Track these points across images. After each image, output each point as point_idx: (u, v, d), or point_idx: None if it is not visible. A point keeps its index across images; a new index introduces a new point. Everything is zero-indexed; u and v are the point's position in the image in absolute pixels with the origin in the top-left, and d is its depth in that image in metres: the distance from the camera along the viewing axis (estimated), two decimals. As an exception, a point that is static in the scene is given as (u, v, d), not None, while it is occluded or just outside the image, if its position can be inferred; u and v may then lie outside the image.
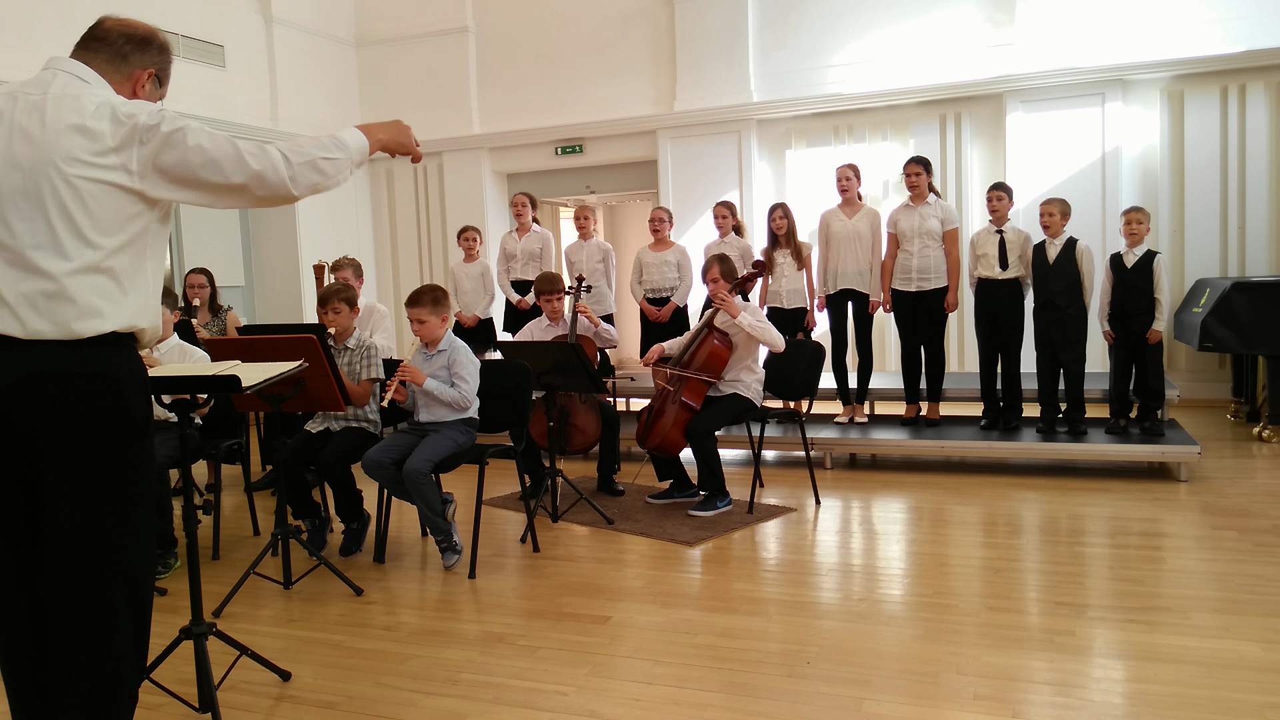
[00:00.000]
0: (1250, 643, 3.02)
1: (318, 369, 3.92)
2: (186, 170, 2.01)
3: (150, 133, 1.99)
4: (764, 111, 8.70)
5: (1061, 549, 4.16)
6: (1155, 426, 5.58)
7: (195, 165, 2.01)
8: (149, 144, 1.99)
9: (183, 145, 2.00)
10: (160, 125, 2.00)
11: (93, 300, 1.97)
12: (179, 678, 2.87)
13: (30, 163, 1.95)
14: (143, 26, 2.19)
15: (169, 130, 2.00)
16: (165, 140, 2.00)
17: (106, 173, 1.97)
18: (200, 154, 2.01)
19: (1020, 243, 5.83)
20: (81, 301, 1.96)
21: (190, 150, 2.01)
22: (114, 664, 2.05)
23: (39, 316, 1.94)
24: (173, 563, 4.20)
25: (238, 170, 2.04)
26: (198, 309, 6.24)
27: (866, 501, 5.15)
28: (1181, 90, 7.60)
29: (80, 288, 1.96)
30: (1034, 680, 2.83)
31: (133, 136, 1.98)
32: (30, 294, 1.94)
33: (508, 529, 4.83)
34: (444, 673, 3.05)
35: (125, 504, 2.05)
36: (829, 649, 3.12)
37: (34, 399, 1.95)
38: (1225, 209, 7.55)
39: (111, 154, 1.97)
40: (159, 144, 2.00)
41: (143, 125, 1.99)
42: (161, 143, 2.00)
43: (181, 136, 2.01)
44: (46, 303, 1.94)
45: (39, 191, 1.94)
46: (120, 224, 2.00)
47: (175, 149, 2.00)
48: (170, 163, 2.00)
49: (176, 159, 2.00)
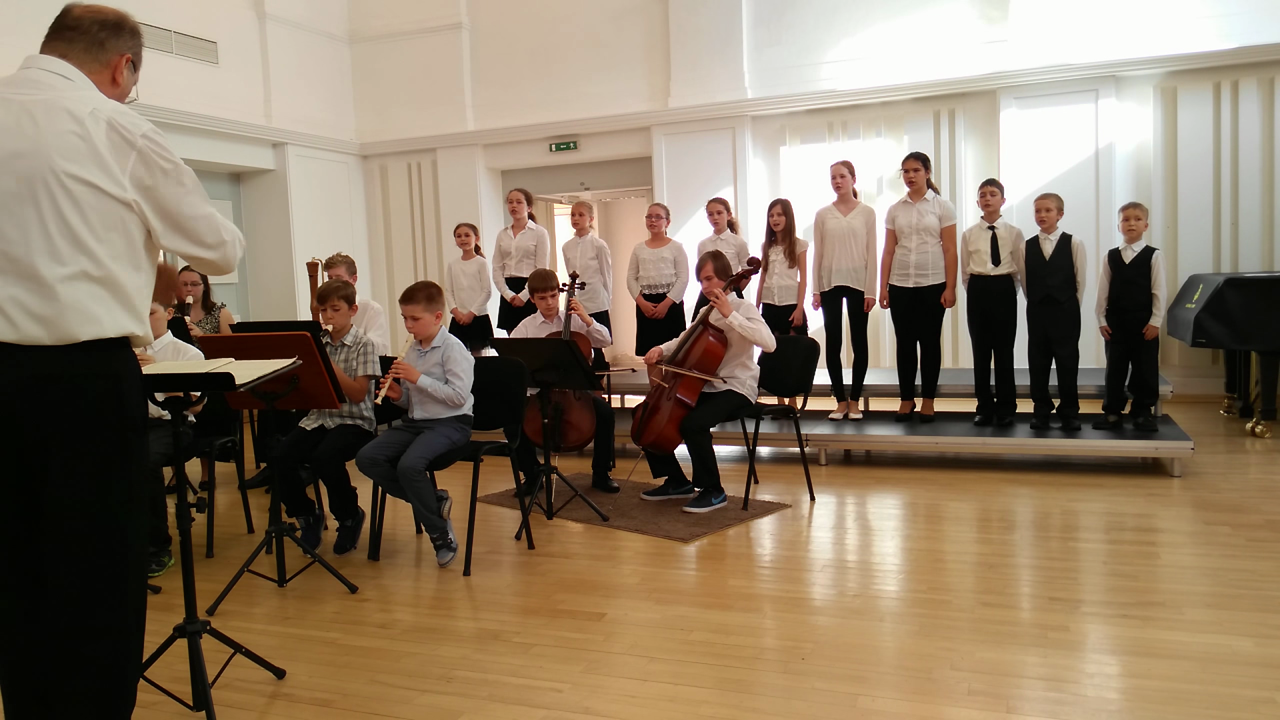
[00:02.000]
0: (1243, 637, 3.04)
1: (312, 366, 3.91)
2: (168, 214, 2.08)
3: (148, 163, 2.03)
4: (758, 108, 8.70)
5: (1055, 544, 4.17)
6: (1149, 422, 5.60)
7: (175, 215, 2.09)
8: (145, 172, 2.03)
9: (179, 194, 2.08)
10: (163, 156, 2.06)
11: (88, 306, 1.96)
12: (173, 676, 2.86)
13: (24, 167, 1.93)
14: (112, 11, 2.19)
15: (168, 169, 2.06)
16: (162, 180, 2.05)
17: (101, 180, 1.97)
18: (189, 206, 2.10)
19: (1012, 239, 5.84)
20: (76, 308, 1.95)
21: (180, 200, 2.08)
22: (121, 666, 2.05)
23: (34, 323, 1.93)
24: (167, 560, 4.19)
25: (211, 233, 2.15)
26: (190, 307, 6.22)
27: (861, 497, 5.16)
28: (1175, 86, 7.61)
29: (75, 294, 1.95)
30: (1028, 675, 2.84)
31: (128, 154, 2.00)
32: (23, 299, 1.93)
33: (503, 526, 4.83)
34: (439, 670, 3.05)
35: (123, 502, 2.04)
36: (824, 645, 3.12)
37: (35, 401, 1.94)
38: (1218, 205, 7.57)
39: (106, 163, 1.97)
40: (155, 181, 2.04)
41: (142, 149, 2.02)
42: (159, 179, 2.05)
43: (177, 186, 2.08)
44: (41, 308, 1.93)
45: (34, 196, 1.93)
46: (114, 232, 2.00)
47: (169, 192, 2.07)
48: (160, 199, 2.06)
49: (166, 199, 2.07)
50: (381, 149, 10.15)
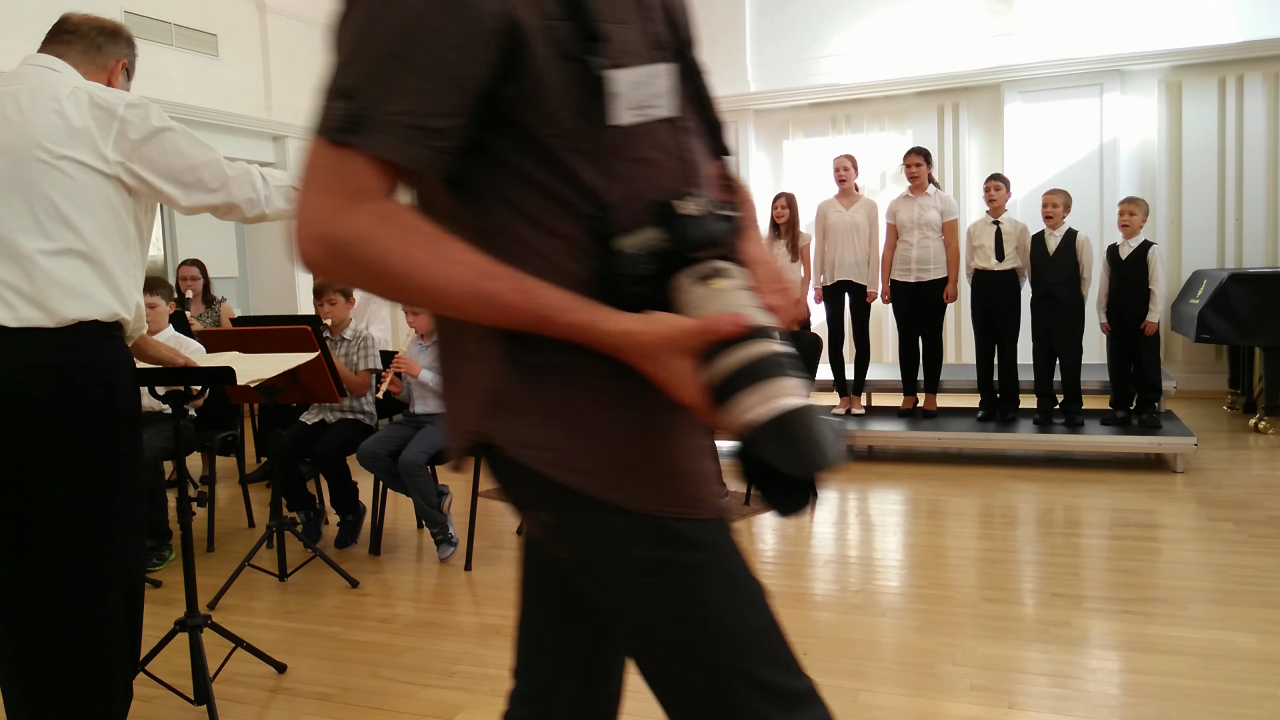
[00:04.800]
0: (1246, 633, 3.03)
1: (313, 361, 3.90)
2: (167, 169, 2.06)
3: (132, 126, 2.02)
4: (761, 101, 8.67)
5: (1058, 540, 4.16)
6: (1152, 418, 5.58)
7: (177, 168, 2.06)
8: (131, 135, 2.02)
9: (168, 144, 2.05)
10: (148, 119, 2.04)
11: (74, 282, 1.96)
12: (174, 670, 2.86)
13: (9, 148, 1.95)
14: (109, 20, 2.24)
15: (157, 126, 2.04)
16: (150, 135, 2.03)
17: (85, 155, 1.98)
18: (181, 158, 2.07)
19: (1017, 234, 5.82)
20: (63, 282, 1.95)
21: (172, 153, 2.06)
22: (106, 656, 2.04)
23: (24, 301, 1.93)
24: (168, 555, 4.19)
25: (215, 177, 2.11)
26: (191, 301, 6.21)
27: (863, 493, 5.15)
28: (1179, 81, 7.58)
29: (62, 269, 1.95)
30: (1030, 671, 2.83)
31: (110, 125, 2.00)
32: (12, 278, 1.93)
33: (503, 520, 4.82)
34: (440, 664, 3.05)
35: (116, 495, 2.04)
36: (825, 640, 3.12)
37: (25, 390, 1.93)
38: (1223, 200, 7.54)
39: (90, 138, 1.98)
40: (143, 137, 2.03)
41: (124, 116, 2.01)
42: (146, 136, 2.03)
43: (167, 136, 2.05)
44: (30, 285, 1.93)
45: (18, 176, 1.95)
46: (101, 209, 2.01)
47: (158, 146, 2.04)
48: (152, 157, 2.04)
49: (158, 155, 2.04)
50: (383, 143, 10.12)
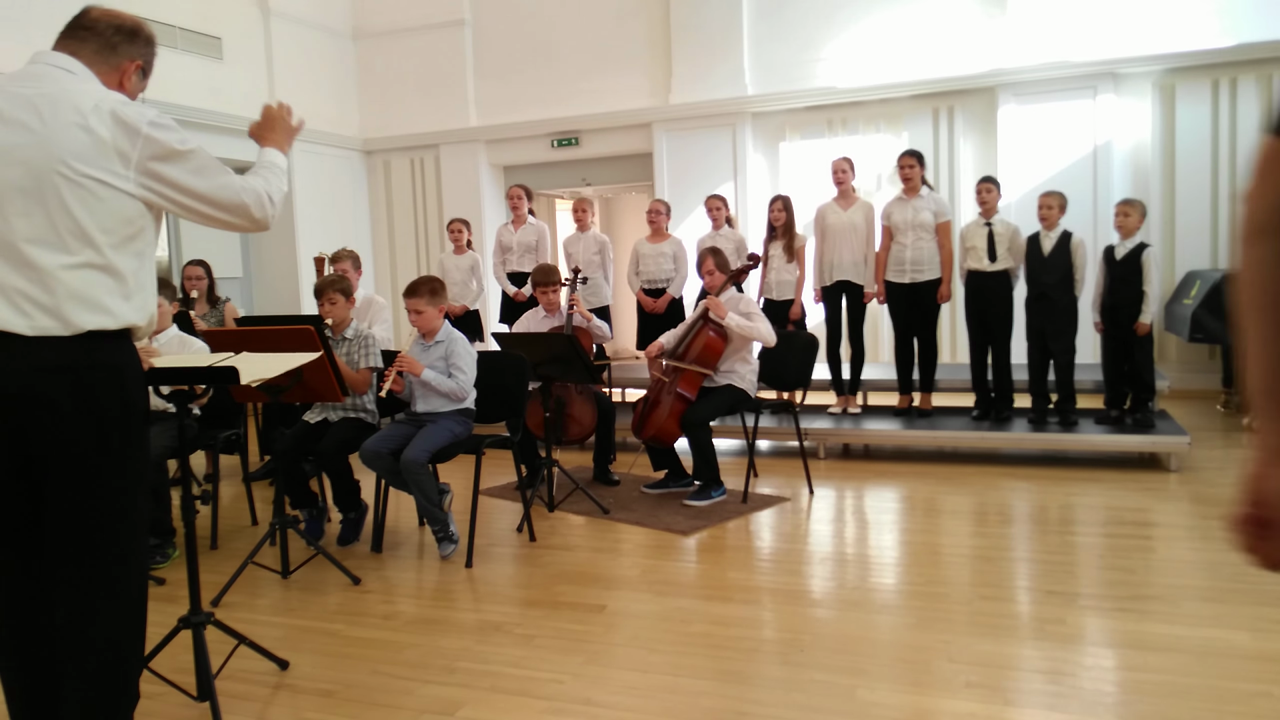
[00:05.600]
0: (1240, 631, 3.06)
1: (316, 360, 3.93)
2: (187, 189, 2.07)
3: (156, 146, 2.02)
4: (758, 104, 8.71)
5: (1052, 538, 4.19)
6: (1146, 417, 5.62)
7: (198, 190, 2.08)
8: (154, 155, 2.02)
9: (189, 165, 2.06)
10: (170, 140, 2.04)
11: (92, 295, 1.97)
12: (177, 667, 2.89)
13: (31, 159, 1.94)
14: (130, 17, 2.19)
15: (180, 149, 2.05)
16: (172, 155, 2.04)
17: (108, 174, 1.97)
18: (201, 178, 2.08)
19: (1009, 235, 5.86)
20: (81, 295, 1.96)
21: (192, 173, 2.07)
22: (116, 656, 2.07)
23: (41, 311, 1.94)
24: (171, 553, 4.22)
25: (231, 198, 2.13)
26: (195, 300, 6.25)
27: (859, 491, 5.19)
28: (1173, 83, 7.62)
29: (81, 282, 1.96)
30: (1025, 668, 2.87)
31: (134, 144, 2.00)
32: (30, 289, 1.94)
33: (504, 519, 4.86)
34: (441, 661, 3.08)
35: (125, 493, 2.06)
36: (822, 637, 3.15)
37: (40, 393, 1.95)
38: (1216, 201, 7.58)
39: (112, 157, 1.98)
40: (165, 158, 2.03)
41: (148, 135, 2.01)
42: (168, 157, 2.04)
43: (189, 157, 2.06)
44: (48, 297, 1.94)
45: (40, 189, 1.94)
46: (121, 224, 2.01)
47: (180, 167, 2.05)
48: (174, 177, 2.05)
49: (179, 175, 2.05)
50: (385, 144, 10.17)
